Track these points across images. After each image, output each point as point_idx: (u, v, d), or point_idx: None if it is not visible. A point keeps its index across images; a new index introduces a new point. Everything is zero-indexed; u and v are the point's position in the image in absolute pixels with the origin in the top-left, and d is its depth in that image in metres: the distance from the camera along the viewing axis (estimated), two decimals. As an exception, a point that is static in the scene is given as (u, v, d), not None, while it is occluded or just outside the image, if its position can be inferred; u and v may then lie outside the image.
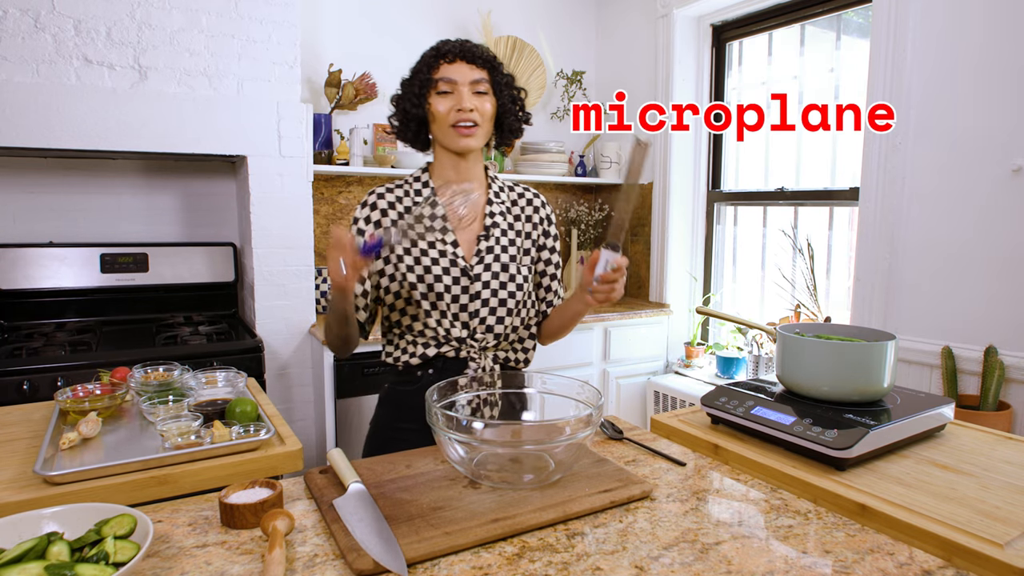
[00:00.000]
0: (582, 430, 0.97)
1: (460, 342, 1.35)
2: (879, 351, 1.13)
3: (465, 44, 1.33)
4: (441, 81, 1.30)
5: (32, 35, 2.14)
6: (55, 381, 2.03)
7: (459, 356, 1.35)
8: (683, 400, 2.94)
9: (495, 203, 1.42)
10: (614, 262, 1.17)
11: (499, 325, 1.36)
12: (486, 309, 1.35)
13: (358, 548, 0.80)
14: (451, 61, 1.31)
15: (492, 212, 1.40)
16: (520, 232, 1.43)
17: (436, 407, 0.99)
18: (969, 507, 0.90)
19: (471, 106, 1.30)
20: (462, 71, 1.31)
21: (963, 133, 2.10)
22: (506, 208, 1.43)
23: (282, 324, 2.61)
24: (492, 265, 1.36)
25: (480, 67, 1.32)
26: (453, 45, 1.32)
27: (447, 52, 1.31)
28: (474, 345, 1.36)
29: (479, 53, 1.33)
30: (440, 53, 1.32)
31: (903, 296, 2.29)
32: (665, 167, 3.26)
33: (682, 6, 3.11)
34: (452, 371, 1.34)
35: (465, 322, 1.35)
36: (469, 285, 1.34)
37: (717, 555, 0.82)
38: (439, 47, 1.33)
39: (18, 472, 1.13)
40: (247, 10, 2.44)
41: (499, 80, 1.36)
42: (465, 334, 1.35)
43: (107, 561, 0.72)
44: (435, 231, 1.31)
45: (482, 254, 1.36)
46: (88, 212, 2.64)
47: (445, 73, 1.31)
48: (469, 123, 1.31)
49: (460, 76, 1.30)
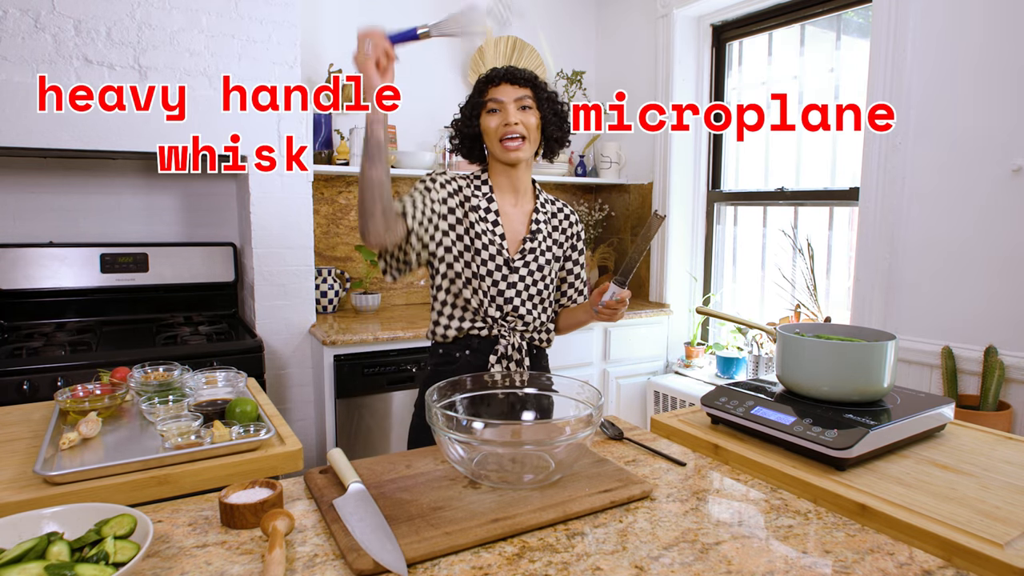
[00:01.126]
0: (582, 430, 0.97)
1: (493, 321, 1.54)
2: (879, 351, 1.13)
3: (510, 69, 1.53)
4: (490, 102, 1.51)
5: (32, 35, 2.14)
6: (55, 381, 2.02)
7: (491, 334, 1.55)
8: (683, 400, 2.94)
9: (540, 213, 1.63)
10: (618, 295, 1.40)
11: (528, 315, 1.57)
12: (519, 299, 1.55)
13: (358, 548, 0.80)
14: (497, 84, 1.51)
15: (537, 220, 1.61)
16: (556, 242, 1.65)
17: (436, 407, 0.99)
18: (969, 507, 0.90)
19: (516, 120, 1.49)
20: (507, 91, 1.50)
21: (963, 133, 2.10)
22: (547, 219, 1.64)
23: (282, 324, 2.61)
24: (531, 263, 1.57)
25: (523, 86, 1.51)
26: (499, 71, 1.52)
27: (494, 77, 1.52)
28: (504, 325, 1.55)
29: (520, 74, 1.52)
30: (488, 79, 1.53)
31: (903, 296, 2.29)
32: (665, 167, 3.26)
33: (682, 6, 3.11)
34: (483, 351, 1.55)
35: (500, 305, 1.54)
36: (508, 275, 1.54)
37: (717, 555, 0.82)
38: (488, 75, 1.53)
39: (18, 472, 1.13)
40: (247, 10, 2.44)
41: (541, 96, 1.54)
42: (498, 315, 1.54)
43: (107, 561, 0.72)
44: (469, 32, 1.32)
45: (525, 253, 1.56)
46: (88, 212, 2.64)
47: (493, 95, 1.51)
48: (515, 135, 1.49)
49: (505, 96, 1.50)
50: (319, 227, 3.02)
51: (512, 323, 1.56)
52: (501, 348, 1.54)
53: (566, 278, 1.73)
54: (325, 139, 2.84)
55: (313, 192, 2.78)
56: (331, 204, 3.06)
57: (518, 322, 1.57)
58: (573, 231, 1.71)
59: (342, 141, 2.86)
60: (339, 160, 2.84)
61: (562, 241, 1.67)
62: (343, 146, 2.84)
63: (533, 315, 1.58)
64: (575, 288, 1.74)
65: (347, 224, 3.11)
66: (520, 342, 1.56)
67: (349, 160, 2.85)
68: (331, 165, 2.84)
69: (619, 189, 3.61)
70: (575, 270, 1.73)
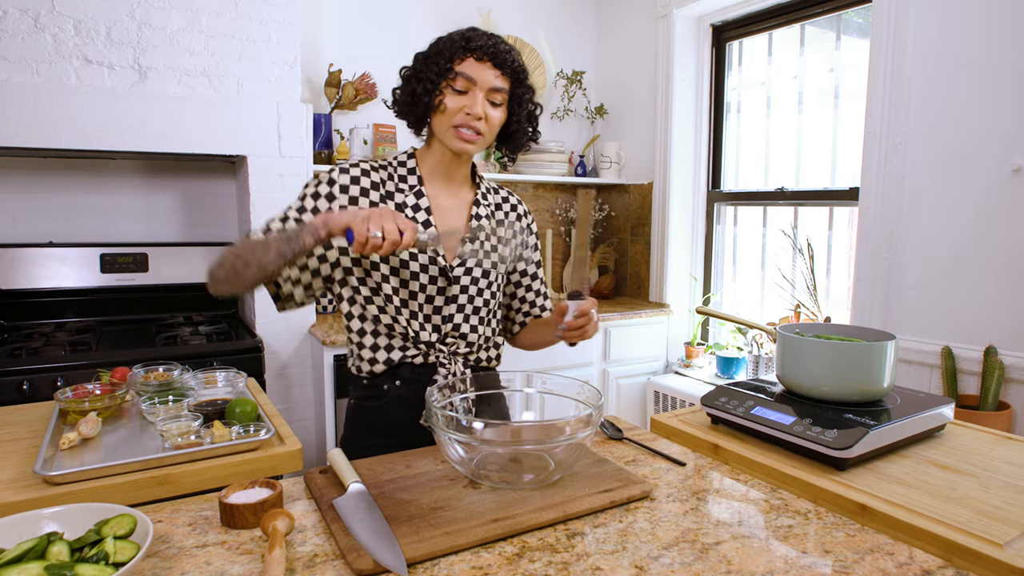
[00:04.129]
0: (582, 430, 0.97)
1: (428, 346, 1.28)
2: (879, 351, 1.13)
3: (498, 45, 1.22)
4: (460, 76, 1.20)
5: (32, 35, 2.14)
6: (55, 381, 2.02)
7: (427, 362, 1.28)
8: (683, 400, 2.94)
9: (482, 205, 1.35)
10: (577, 310, 1.20)
11: (472, 333, 1.31)
12: (460, 315, 1.29)
13: (358, 548, 0.80)
14: (479, 59, 1.20)
15: (478, 215, 1.34)
16: (501, 237, 1.38)
17: (436, 407, 0.99)
18: (969, 507, 0.90)
19: (481, 114, 1.21)
20: (485, 73, 1.21)
21: (963, 133, 2.10)
22: (490, 212, 1.37)
23: (282, 324, 2.61)
24: (473, 270, 1.30)
25: (506, 75, 1.23)
26: (484, 42, 1.21)
27: (476, 48, 1.20)
28: (443, 350, 1.29)
29: (509, 60, 1.23)
30: (469, 47, 1.20)
31: (903, 296, 2.29)
32: (665, 167, 3.26)
33: (682, 6, 3.11)
34: (420, 381, 1.28)
35: (437, 325, 1.28)
36: (446, 287, 1.27)
37: (717, 555, 0.82)
38: (469, 38, 1.21)
39: (18, 472, 1.13)
40: (247, 10, 2.44)
41: (519, 94, 1.27)
42: (435, 338, 1.28)
43: (107, 561, 0.72)
44: (438, 244, 1.25)
45: (465, 257, 1.29)
46: (88, 212, 2.64)
47: (467, 69, 1.20)
48: (472, 130, 1.22)
49: (481, 78, 1.21)
50: (319, 227, 3.02)
51: (452, 346, 1.29)
52: (440, 379, 1.26)
53: (521, 282, 1.45)
54: (325, 139, 2.84)
55: (313, 192, 2.77)
56: (331, 204, 3.05)
57: (460, 343, 1.30)
58: (522, 223, 1.43)
59: (342, 141, 2.86)
60: (339, 160, 2.84)
61: (509, 236, 1.40)
62: (343, 146, 2.84)
63: (477, 332, 1.32)
64: (535, 292, 1.46)
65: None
66: (462, 369, 1.29)
67: (349, 160, 2.84)
68: (331, 165, 2.84)
69: (619, 189, 3.61)
70: (530, 271, 1.45)
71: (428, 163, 1.32)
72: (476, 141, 1.24)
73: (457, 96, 1.22)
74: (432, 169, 1.31)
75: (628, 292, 3.60)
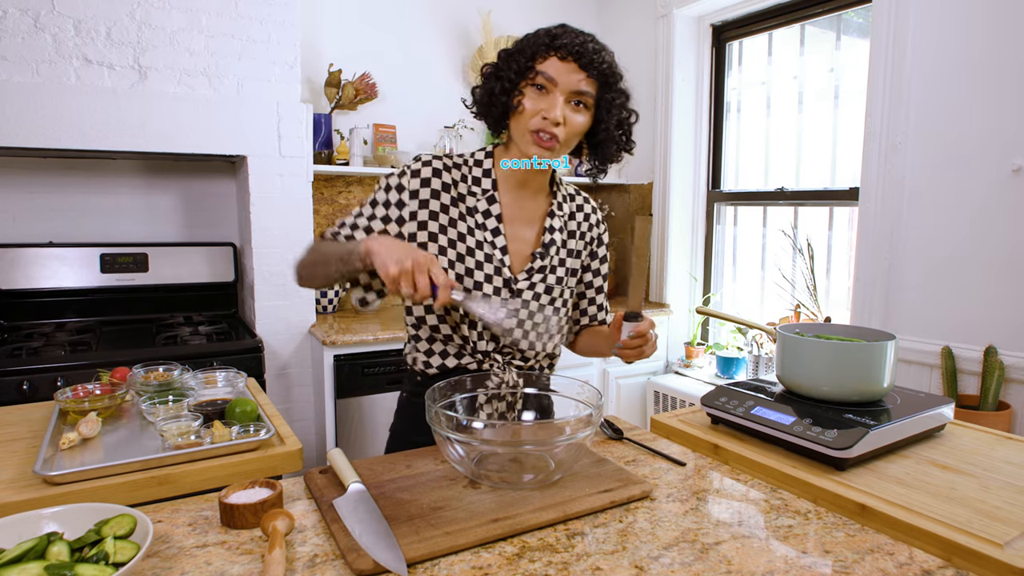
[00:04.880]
0: (582, 430, 0.97)
1: (485, 355, 1.25)
2: (879, 351, 1.13)
3: (588, 44, 1.13)
4: (541, 75, 1.12)
5: (32, 35, 2.14)
6: (55, 381, 2.02)
7: (480, 369, 1.26)
8: (683, 400, 2.94)
9: (556, 216, 1.28)
10: (634, 330, 1.16)
11: (531, 349, 1.27)
12: (520, 330, 1.24)
13: (358, 548, 0.80)
14: (563, 58, 1.12)
15: (552, 227, 1.27)
16: (572, 251, 1.32)
17: (436, 407, 0.99)
18: (969, 507, 0.90)
19: (559, 119, 1.12)
20: (568, 75, 1.12)
21: (963, 133, 2.10)
22: (564, 223, 1.31)
23: (282, 324, 2.61)
24: (537, 285, 1.24)
25: (592, 77, 1.14)
26: (571, 39, 1.12)
27: (561, 47, 1.12)
28: (498, 359, 1.25)
29: (597, 61, 1.13)
30: (553, 44, 1.12)
31: (903, 296, 2.29)
32: (665, 167, 3.26)
33: (682, 6, 3.11)
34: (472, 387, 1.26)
35: (495, 336, 1.24)
36: (508, 299, 1.22)
37: (717, 555, 0.82)
38: (556, 35, 1.13)
39: (18, 472, 1.13)
40: (247, 10, 2.44)
41: (609, 99, 1.17)
42: (491, 347, 1.25)
43: (107, 561, 0.72)
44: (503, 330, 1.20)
45: (532, 272, 1.24)
46: (88, 212, 2.64)
47: (548, 69, 1.12)
48: (549, 135, 1.14)
49: (563, 80, 1.12)
50: (319, 227, 3.02)
51: (508, 356, 1.26)
52: (492, 386, 1.20)
53: (585, 293, 1.40)
54: (325, 139, 2.84)
55: (313, 192, 2.78)
56: (331, 204, 3.06)
57: (516, 354, 1.27)
58: (594, 234, 1.36)
59: (342, 141, 2.86)
60: (339, 160, 2.84)
61: (579, 249, 1.33)
62: (343, 146, 2.84)
63: (536, 348, 1.28)
64: (596, 304, 1.42)
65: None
66: (516, 379, 1.22)
67: (349, 160, 2.84)
68: (331, 165, 2.84)
69: (619, 189, 3.61)
70: (596, 282, 1.40)
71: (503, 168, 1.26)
72: (553, 148, 1.16)
73: (537, 98, 1.14)
74: (509, 173, 1.25)
75: (627, 292, 3.60)
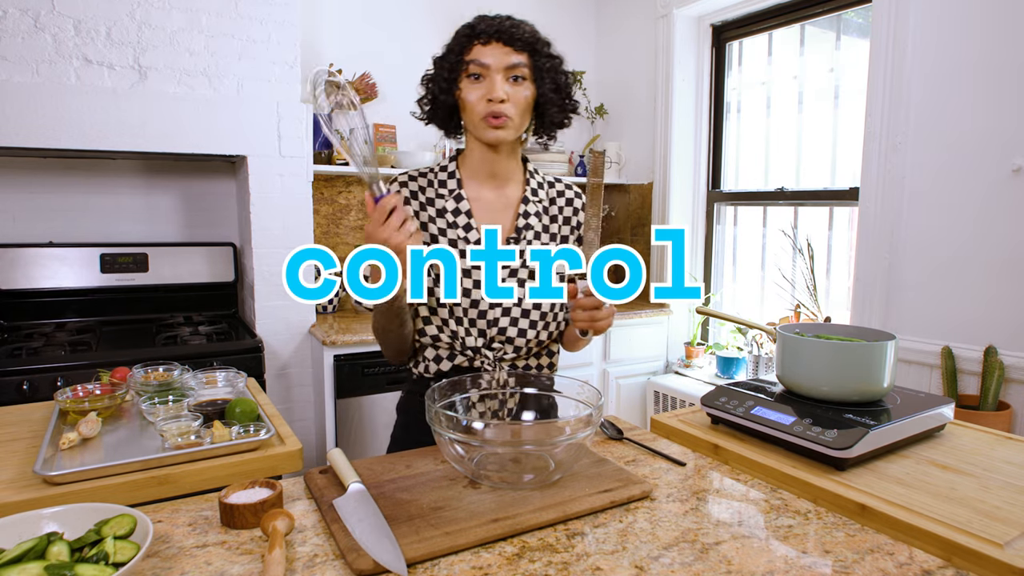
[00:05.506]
0: (582, 430, 0.97)
1: (475, 352, 1.24)
2: (879, 351, 1.13)
3: (504, 23, 1.17)
4: (472, 64, 1.16)
5: (32, 35, 2.14)
6: (55, 381, 2.02)
7: (472, 366, 1.25)
8: (683, 400, 2.94)
9: (531, 202, 1.29)
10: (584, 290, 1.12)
11: (520, 338, 1.25)
12: (507, 319, 1.23)
13: (358, 548, 0.80)
14: (486, 42, 1.16)
15: (527, 212, 1.28)
16: (555, 236, 1.31)
17: (436, 407, 0.99)
18: (969, 507, 0.90)
19: (503, 96, 1.15)
20: (497, 54, 1.15)
21: (963, 133, 2.10)
22: (543, 208, 1.31)
23: (282, 324, 2.61)
24: (520, 271, 1.24)
25: (519, 50, 1.17)
26: (490, 23, 1.17)
27: (482, 32, 1.16)
28: (488, 356, 1.24)
29: (519, 34, 1.17)
30: (475, 32, 1.17)
31: (903, 296, 2.29)
32: (665, 167, 3.26)
33: (682, 6, 3.11)
34: None
35: (482, 330, 1.23)
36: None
37: (717, 555, 0.82)
38: (475, 24, 1.18)
39: (18, 472, 1.13)
40: (247, 10, 2.44)
41: (541, 65, 1.20)
42: (481, 343, 1.24)
43: (107, 561, 0.72)
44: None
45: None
46: (88, 212, 2.64)
47: (477, 55, 1.16)
48: (498, 116, 1.17)
49: (494, 60, 1.15)
50: (319, 227, 3.02)
51: (499, 351, 1.25)
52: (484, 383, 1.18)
53: None
54: (325, 139, 2.84)
55: (313, 192, 2.78)
56: (331, 204, 3.06)
57: (506, 348, 1.25)
58: (580, 218, 1.35)
59: (342, 141, 2.86)
60: (339, 160, 2.84)
61: (565, 233, 1.33)
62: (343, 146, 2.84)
63: (527, 337, 1.25)
64: None
65: (347, 224, 3.11)
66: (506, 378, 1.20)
67: (349, 160, 2.84)
68: (331, 165, 2.84)
69: (619, 189, 3.61)
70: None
71: (469, 164, 1.28)
72: (506, 126, 1.18)
73: (474, 86, 1.17)
74: (474, 170, 1.27)
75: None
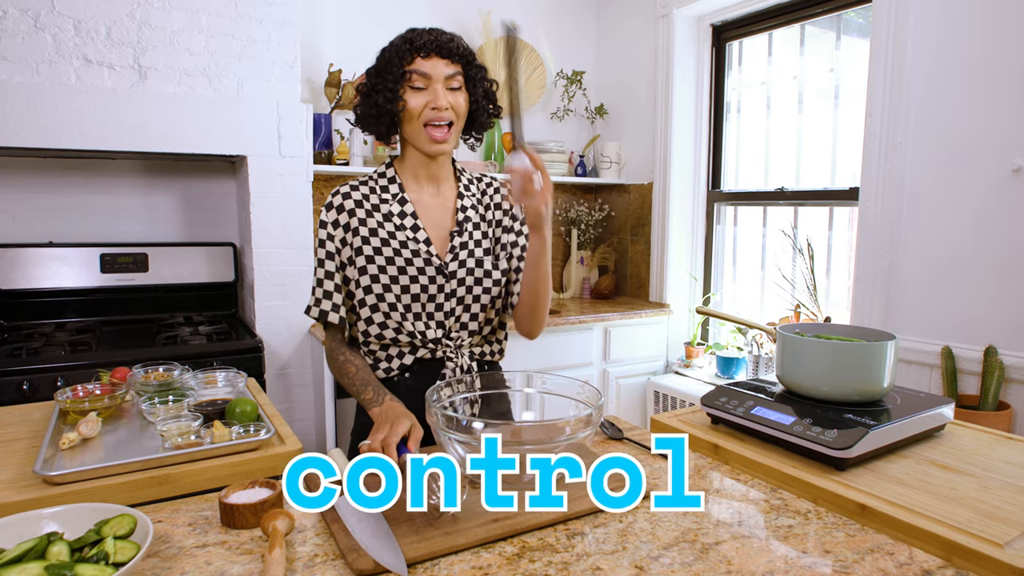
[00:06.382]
0: (582, 430, 0.97)
1: (436, 343, 1.32)
2: (879, 351, 1.13)
3: (440, 37, 1.27)
4: (415, 74, 1.25)
5: (32, 35, 2.14)
6: (55, 381, 2.02)
7: (435, 357, 1.33)
8: (683, 400, 2.94)
9: (465, 196, 1.38)
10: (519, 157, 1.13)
11: (473, 322, 1.35)
12: (461, 307, 1.33)
13: (358, 548, 0.80)
14: (426, 55, 1.26)
15: (464, 207, 1.37)
16: (491, 222, 1.40)
17: (436, 407, 0.99)
18: (969, 507, 0.90)
19: (446, 104, 1.25)
20: (436, 66, 1.26)
21: (963, 133, 2.10)
22: (476, 201, 1.40)
23: (282, 324, 2.62)
24: (467, 261, 1.33)
25: (455, 62, 1.28)
26: (428, 39, 1.26)
27: (422, 46, 1.26)
28: (449, 344, 1.33)
29: (454, 48, 1.28)
30: (414, 46, 1.26)
31: (903, 296, 2.29)
32: (665, 167, 3.26)
33: (682, 6, 3.11)
34: (429, 374, 1.33)
35: (440, 321, 1.32)
36: (445, 283, 1.30)
37: (717, 555, 0.82)
38: (412, 39, 1.27)
39: (18, 472, 1.13)
40: (247, 10, 2.44)
41: (473, 75, 1.32)
42: (440, 334, 1.32)
43: (107, 561, 0.72)
44: None
45: (456, 251, 1.32)
46: (88, 212, 2.64)
47: (419, 67, 1.25)
48: (443, 121, 1.26)
49: (435, 71, 1.25)
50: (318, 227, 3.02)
51: (457, 340, 1.34)
52: (448, 372, 1.31)
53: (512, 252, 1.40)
54: (325, 139, 2.84)
55: (313, 192, 2.78)
56: (331, 204, 3.05)
57: (463, 335, 1.34)
58: (506, 206, 1.44)
59: (342, 141, 2.86)
60: (339, 160, 2.84)
61: (499, 218, 1.41)
62: (343, 146, 2.84)
63: (480, 319, 1.35)
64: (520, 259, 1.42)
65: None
66: (468, 363, 1.34)
67: (349, 160, 2.84)
68: (331, 165, 2.84)
69: (619, 189, 3.61)
70: (520, 242, 1.41)
71: (407, 169, 1.36)
72: (447, 139, 1.28)
73: (417, 95, 1.26)
74: (413, 174, 1.36)
75: (628, 292, 3.60)
